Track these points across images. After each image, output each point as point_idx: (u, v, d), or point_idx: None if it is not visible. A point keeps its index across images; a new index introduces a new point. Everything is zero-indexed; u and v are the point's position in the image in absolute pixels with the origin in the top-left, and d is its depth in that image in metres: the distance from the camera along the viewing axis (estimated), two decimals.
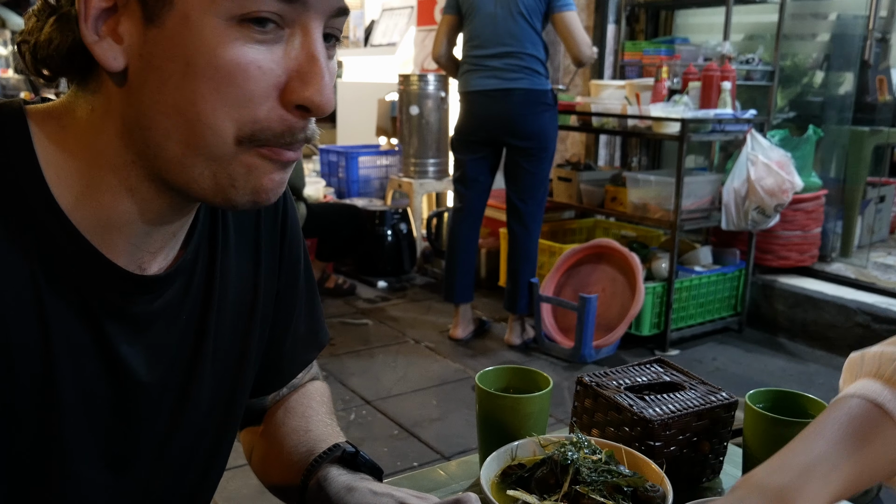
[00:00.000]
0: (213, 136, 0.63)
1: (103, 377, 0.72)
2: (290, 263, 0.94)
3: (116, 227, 0.69)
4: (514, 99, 3.56)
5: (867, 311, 3.86)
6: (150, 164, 0.66)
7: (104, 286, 0.70)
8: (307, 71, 0.63)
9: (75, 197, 0.67)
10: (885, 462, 0.73)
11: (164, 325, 0.77)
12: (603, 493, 0.85)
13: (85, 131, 0.67)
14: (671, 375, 1.12)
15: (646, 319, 3.86)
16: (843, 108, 4.60)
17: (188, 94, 0.62)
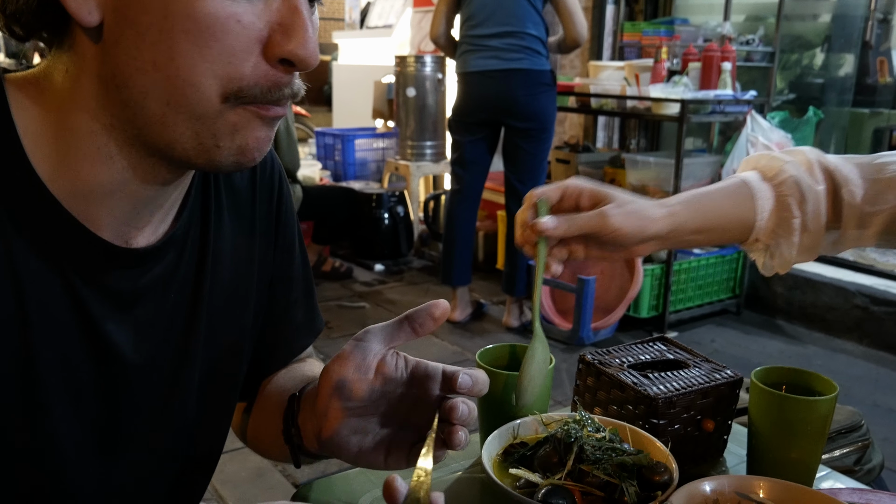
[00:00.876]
0: (195, 93, 0.60)
1: (87, 356, 0.69)
2: (286, 247, 0.91)
3: (97, 198, 0.66)
4: (514, 79, 3.52)
5: (866, 293, 3.85)
6: (129, 126, 0.63)
7: (85, 259, 0.67)
8: (290, 24, 0.61)
9: (53, 166, 0.64)
10: (733, 215, 0.95)
11: (152, 303, 0.73)
12: (607, 472, 0.83)
13: (60, 95, 0.64)
14: (675, 353, 1.10)
15: (644, 301, 3.84)
16: (843, 89, 4.57)
17: (166, 50, 0.59)
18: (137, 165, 0.66)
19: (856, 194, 0.95)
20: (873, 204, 0.95)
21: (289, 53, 0.61)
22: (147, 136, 0.64)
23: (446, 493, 0.97)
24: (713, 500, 0.82)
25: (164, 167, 0.67)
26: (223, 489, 2.45)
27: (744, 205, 0.95)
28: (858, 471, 1.67)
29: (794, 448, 0.96)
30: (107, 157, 0.65)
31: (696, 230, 0.94)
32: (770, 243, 0.97)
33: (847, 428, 1.71)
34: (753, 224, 0.96)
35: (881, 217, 0.95)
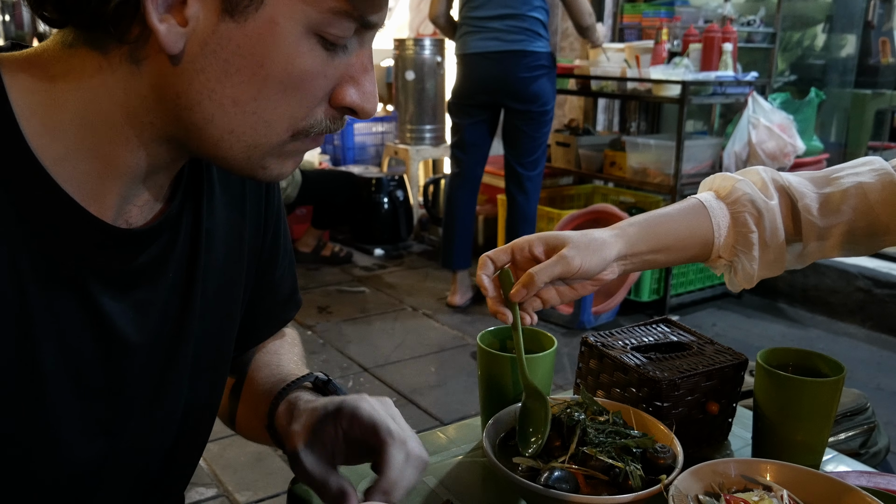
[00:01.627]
0: (266, 130, 0.65)
1: (89, 337, 0.70)
2: (275, 224, 0.92)
3: (111, 177, 0.67)
4: (514, 61, 3.49)
5: (868, 275, 3.83)
6: (174, 131, 0.66)
7: (84, 241, 0.67)
8: (360, 80, 0.67)
9: (66, 149, 0.64)
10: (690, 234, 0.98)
11: (150, 283, 0.74)
12: (611, 455, 0.81)
13: (90, 88, 0.63)
14: (678, 335, 1.09)
15: (645, 285, 3.83)
16: (845, 70, 4.54)
17: (253, 93, 0.62)
18: (164, 154, 0.68)
19: (811, 208, 0.98)
20: (829, 216, 0.97)
21: (356, 106, 0.68)
22: (192, 145, 0.67)
23: (447, 477, 0.96)
24: (718, 484, 0.81)
25: (185, 159, 0.72)
26: (223, 474, 2.45)
27: (701, 224, 0.98)
28: (864, 454, 1.66)
29: (800, 430, 0.94)
30: (135, 146, 0.66)
31: (655, 250, 0.96)
32: (732, 259, 1.00)
33: (852, 411, 1.69)
34: (712, 242, 0.98)
35: (839, 229, 0.97)
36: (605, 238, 0.93)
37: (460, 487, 0.95)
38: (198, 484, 2.40)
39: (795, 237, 1.00)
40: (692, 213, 0.98)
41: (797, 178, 1.01)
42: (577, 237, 0.92)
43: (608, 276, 0.93)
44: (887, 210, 0.95)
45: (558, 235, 0.93)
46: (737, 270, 1.00)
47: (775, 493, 0.79)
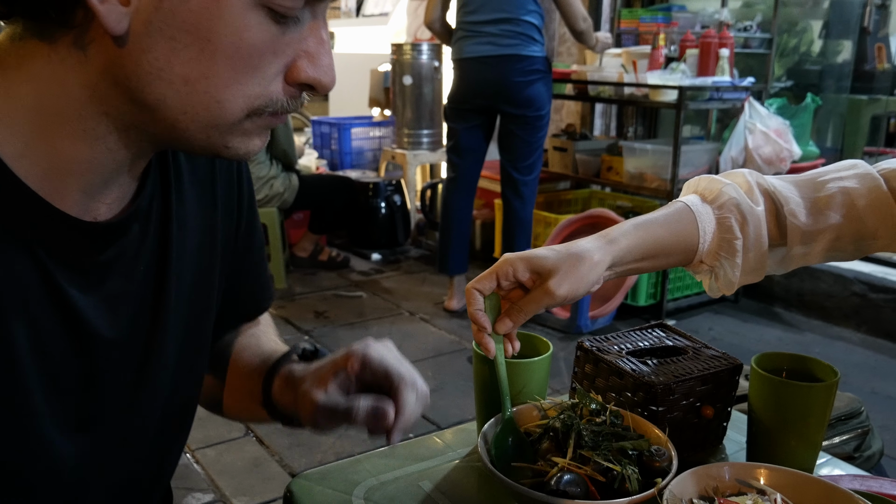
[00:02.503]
0: (219, 109, 0.64)
1: (62, 333, 0.69)
2: (248, 208, 0.93)
3: (71, 173, 0.66)
4: (509, 65, 3.50)
5: (864, 280, 3.84)
6: (131, 118, 0.65)
7: (52, 236, 0.66)
8: (315, 53, 0.65)
9: (23, 144, 0.63)
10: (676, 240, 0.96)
11: (122, 276, 0.74)
12: (608, 458, 0.82)
13: (41, 79, 0.63)
14: (674, 340, 1.09)
15: (642, 290, 3.84)
16: (841, 76, 4.55)
17: (202, 69, 0.61)
18: (123, 148, 0.67)
19: (797, 213, 0.97)
20: (815, 222, 0.96)
21: (313, 80, 0.66)
22: (151, 129, 0.66)
23: (444, 482, 0.96)
24: (713, 487, 0.82)
25: (150, 149, 0.69)
26: (219, 479, 2.45)
27: (687, 229, 0.97)
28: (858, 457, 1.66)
29: (794, 434, 0.95)
30: (93, 139, 0.65)
31: (641, 257, 0.95)
32: (714, 265, 0.99)
33: (847, 414, 1.70)
34: (697, 247, 0.97)
35: (826, 235, 0.96)
36: (594, 259, 0.91)
37: (456, 492, 0.95)
38: (194, 489, 2.40)
39: (779, 242, 0.99)
40: (680, 219, 0.97)
41: (782, 182, 1.00)
42: (563, 262, 0.89)
43: (593, 290, 0.93)
44: (875, 216, 0.95)
45: (544, 262, 0.90)
46: (718, 276, 0.99)
47: (769, 496, 0.79)
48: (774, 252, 0.99)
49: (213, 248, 0.85)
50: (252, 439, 2.66)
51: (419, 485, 0.96)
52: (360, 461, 1.01)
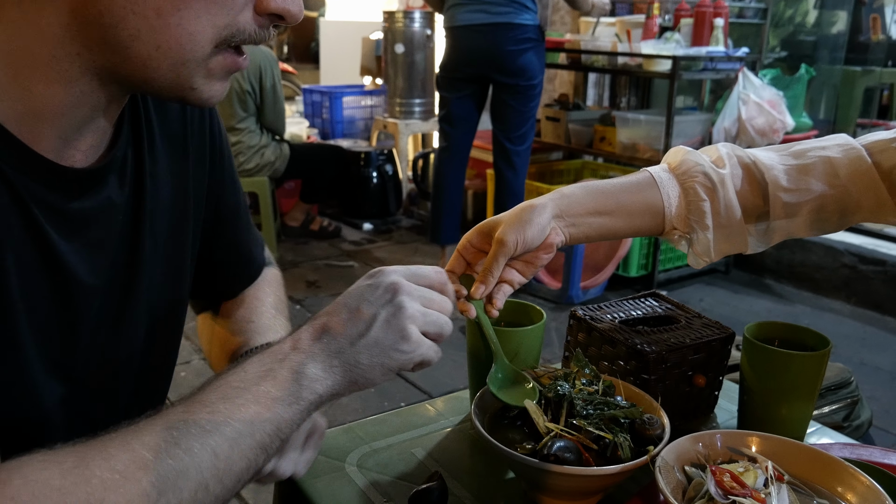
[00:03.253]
0: (190, 41, 0.64)
1: (44, 275, 0.70)
2: (228, 176, 0.94)
3: (46, 117, 0.66)
4: (501, 33, 3.46)
5: (854, 252, 3.86)
6: (102, 59, 0.65)
7: (34, 180, 0.67)
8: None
9: (1, 89, 0.64)
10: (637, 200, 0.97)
11: (101, 226, 0.75)
12: (600, 427, 0.82)
13: (13, 21, 0.63)
14: (666, 309, 1.09)
15: (633, 261, 3.84)
16: (835, 47, 4.53)
17: (175, 2, 0.62)
18: (96, 90, 0.67)
19: (779, 179, 0.96)
20: (798, 189, 0.96)
21: (281, 10, 0.67)
22: (122, 70, 0.66)
23: (436, 449, 0.96)
24: (705, 455, 0.82)
25: (121, 92, 0.70)
26: None
27: (648, 192, 0.97)
28: (847, 427, 1.68)
29: (785, 403, 0.95)
30: (66, 81, 0.65)
31: (596, 212, 0.95)
32: (687, 231, 0.98)
33: (836, 384, 1.71)
34: (663, 213, 0.97)
35: (808, 205, 0.96)
36: (536, 203, 0.92)
37: (449, 459, 0.95)
38: None
39: (763, 211, 0.98)
40: (639, 183, 0.98)
41: (762, 152, 1.00)
42: (507, 215, 0.92)
43: (554, 239, 0.92)
44: (857, 186, 0.94)
45: (489, 221, 0.93)
46: (693, 243, 0.98)
47: (760, 464, 0.80)
48: (756, 225, 0.99)
49: (185, 198, 0.86)
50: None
51: (412, 452, 0.96)
52: (352, 429, 1.01)
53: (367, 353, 0.71)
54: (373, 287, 0.74)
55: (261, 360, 0.70)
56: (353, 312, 0.72)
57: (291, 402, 0.68)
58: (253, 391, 0.67)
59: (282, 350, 0.71)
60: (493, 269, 0.90)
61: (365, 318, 0.72)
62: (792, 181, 0.96)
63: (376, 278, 0.75)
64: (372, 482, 0.89)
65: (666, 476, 0.76)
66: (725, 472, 0.77)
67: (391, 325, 0.72)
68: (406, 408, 1.08)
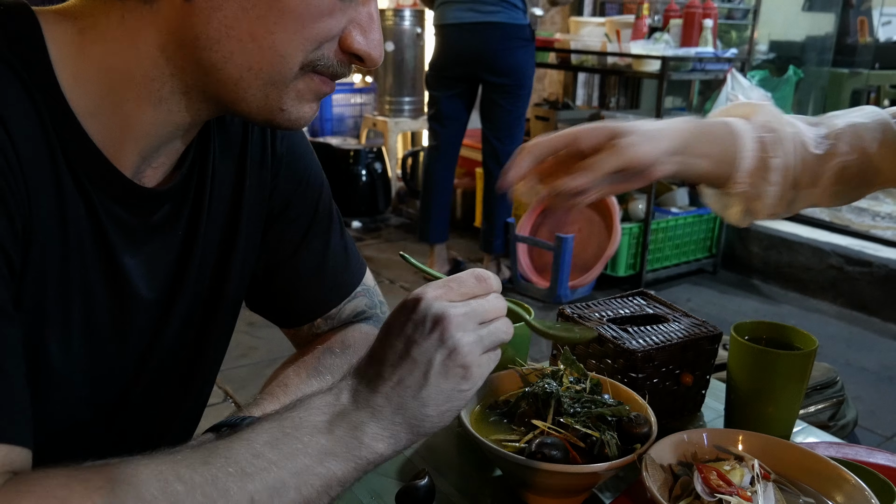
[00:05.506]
0: (281, 62, 0.66)
1: (106, 286, 0.72)
2: (292, 185, 0.91)
3: (133, 137, 0.69)
4: (491, 33, 3.46)
5: (841, 253, 3.88)
6: (194, 80, 0.67)
7: (110, 196, 0.70)
8: (367, 26, 0.69)
9: (94, 104, 0.66)
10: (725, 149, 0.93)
11: (161, 240, 0.77)
12: (587, 425, 0.82)
13: (114, 39, 0.65)
14: (654, 308, 1.09)
15: (621, 260, 3.85)
16: (823, 49, 4.56)
17: (270, 25, 0.64)
18: (184, 111, 0.69)
19: (808, 143, 0.95)
20: (824, 151, 0.95)
21: (363, 51, 0.69)
22: (213, 91, 0.68)
23: (423, 447, 0.96)
24: (692, 454, 0.82)
25: (206, 114, 0.72)
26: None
27: (730, 141, 0.93)
28: (833, 426, 1.69)
29: (771, 402, 0.96)
30: (157, 101, 0.68)
31: (703, 154, 0.92)
32: (753, 184, 0.95)
33: (822, 384, 1.72)
34: (736, 163, 0.93)
35: (831, 169, 0.94)
36: (665, 130, 0.89)
37: (436, 456, 0.95)
38: None
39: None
40: (726, 130, 0.94)
41: (793, 116, 0.99)
42: (632, 127, 0.88)
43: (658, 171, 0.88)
44: (881, 151, 0.94)
45: (614, 128, 0.88)
46: (752, 198, 0.95)
47: (747, 462, 0.80)
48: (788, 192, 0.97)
49: (237, 218, 0.85)
50: (230, 405, 2.66)
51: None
52: None
53: (434, 404, 0.65)
54: (416, 324, 0.66)
55: (318, 409, 0.65)
56: (404, 358, 0.65)
57: (348, 459, 0.63)
58: (305, 441, 0.62)
59: (339, 402, 0.65)
60: (603, 167, 0.85)
61: (420, 366, 0.65)
62: (818, 145, 0.95)
63: (417, 312, 0.66)
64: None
65: (652, 474, 0.76)
66: (712, 471, 0.77)
67: (450, 369, 0.65)
68: None
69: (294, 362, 0.91)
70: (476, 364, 0.66)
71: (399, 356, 0.66)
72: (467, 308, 0.67)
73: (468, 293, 0.69)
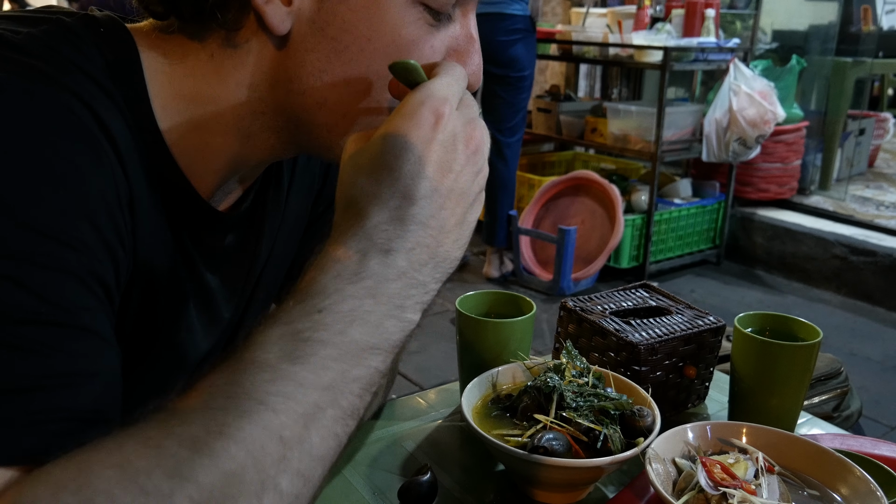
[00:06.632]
0: (378, 110, 0.64)
1: (200, 311, 0.74)
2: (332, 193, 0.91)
3: (216, 166, 0.68)
4: (491, 24, 3.45)
5: (845, 243, 3.87)
6: (285, 121, 0.66)
7: (195, 221, 0.69)
8: (465, 51, 0.65)
9: (180, 134, 0.65)
10: None
11: (233, 263, 0.77)
12: (590, 419, 0.81)
13: (203, 76, 0.64)
14: (657, 300, 1.09)
15: (625, 252, 3.84)
16: (826, 38, 4.53)
17: (362, 69, 0.61)
18: (267, 147, 0.68)
19: None
20: None
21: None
22: (307, 131, 0.66)
23: (426, 442, 0.96)
24: (695, 446, 0.82)
25: (293, 152, 0.71)
26: None
27: None
28: (837, 417, 1.68)
29: (776, 394, 0.95)
30: (244, 136, 0.67)
31: None
32: None
33: (827, 375, 1.71)
34: None
35: None
36: None
37: (439, 451, 0.95)
38: None
39: None
40: None
41: None
42: None
43: None
44: None
45: None
46: None
47: (751, 455, 0.79)
48: None
49: (291, 244, 0.86)
50: None
51: (402, 445, 0.95)
52: None
53: (463, 242, 0.59)
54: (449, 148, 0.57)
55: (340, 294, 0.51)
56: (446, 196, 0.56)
57: (387, 349, 0.52)
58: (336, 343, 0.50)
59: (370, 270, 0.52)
60: None
61: (465, 199, 0.58)
62: None
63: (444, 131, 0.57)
64: (361, 475, 0.89)
65: (656, 468, 0.76)
66: (716, 464, 0.76)
67: (478, 198, 0.60)
68: (397, 400, 1.08)
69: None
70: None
71: (435, 191, 0.55)
72: (475, 113, 0.62)
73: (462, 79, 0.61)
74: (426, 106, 0.56)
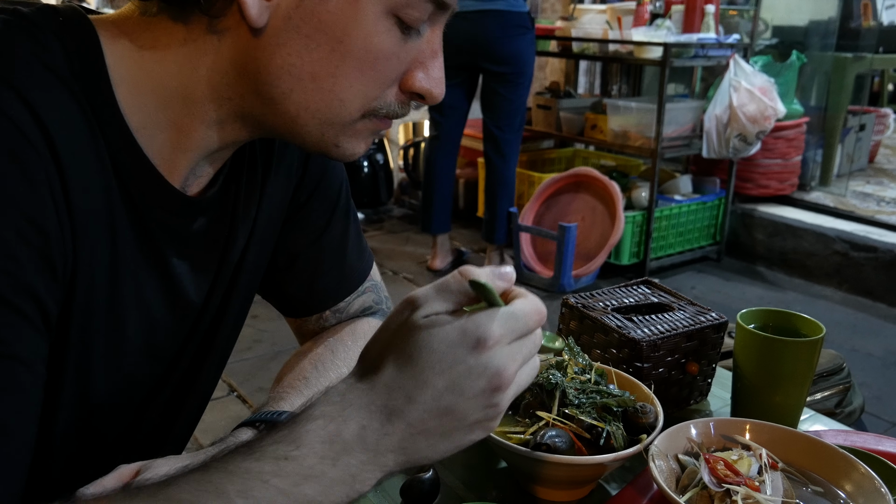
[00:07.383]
0: (340, 107, 0.66)
1: (161, 294, 0.74)
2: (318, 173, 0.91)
3: (185, 151, 0.70)
4: (490, 20, 3.44)
5: (845, 238, 3.86)
6: (251, 108, 0.68)
7: (161, 207, 0.70)
8: (429, 65, 0.68)
9: (149, 118, 0.67)
10: None
11: (203, 247, 0.78)
12: (592, 415, 0.81)
13: (174, 61, 0.66)
14: (659, 296, 1.08)
15: (625, 248, 3.84)
16: (826, 33, 4.53)
17: (331, 68, 0.64)
18: (237, 132, 0.70)
19: None
20: None
21: (425, 90, 0.69)
22: (270, 122, 0.68)
23: None
24: (698, 443, 0.81)
25: (259, 136, 0.73)
26: (203, 438, 2.44)
27: None
28: (839, 413, 1.68)
29: (779, 390, 0.95)
30: (213, 122, 0.69)
31: None
32: None
33: (829, 371, 1.71)
34: None
35: None
36: None
37: None
38: None
39: None
40: None
41: None
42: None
43: None
44: None
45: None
46: None
47: (754, 451, 0.79)
48: None
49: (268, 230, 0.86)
50: (235, 398, 2.66)
51: None
52: None
53: (442, 452, 0.59)
54: (473, 375, 0.56)
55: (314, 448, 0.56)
56: (445, 413, 0.57)
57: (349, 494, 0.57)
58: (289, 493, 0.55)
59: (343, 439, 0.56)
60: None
61: (456, 418, 0.57)
62: None
63: (478, 357, 0.56)
64: None
65: (659, 465, 0.76)
66: (719, 460, 0.76)
67: (482, 426, 0.58)
68: None
69: (308, 353, 0.92)
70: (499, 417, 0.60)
71: (439, 409, 0.57)
72: (522, 354, 0.59)
73: (524, 330, 0.59)
74: (478, 330, 0.56)
